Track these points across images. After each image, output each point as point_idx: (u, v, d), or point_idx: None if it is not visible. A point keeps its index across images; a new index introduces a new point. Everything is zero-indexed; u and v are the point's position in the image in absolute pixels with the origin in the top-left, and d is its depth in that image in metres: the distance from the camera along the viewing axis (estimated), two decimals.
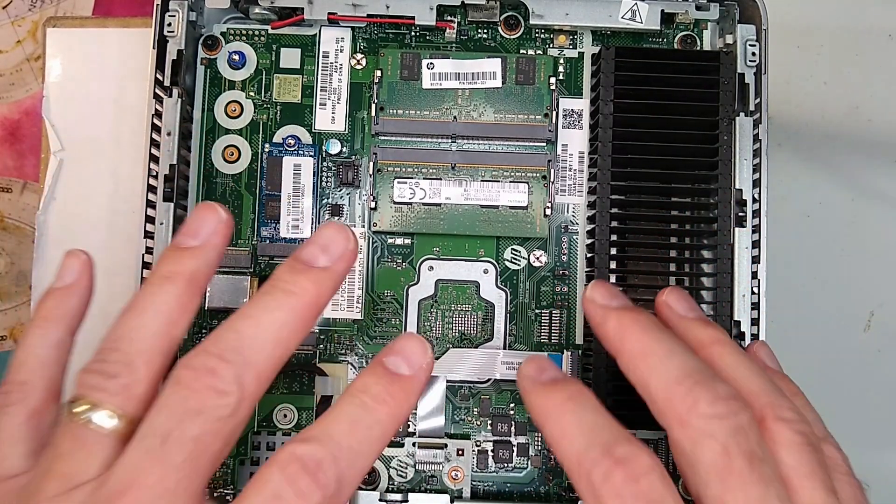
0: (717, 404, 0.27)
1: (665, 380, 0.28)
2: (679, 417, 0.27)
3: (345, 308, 0.42)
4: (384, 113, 0.42)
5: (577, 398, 0.29)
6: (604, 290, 0.32)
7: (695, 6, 0.43)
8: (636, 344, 0.29)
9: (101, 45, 0.49)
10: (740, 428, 0.26)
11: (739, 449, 0.26)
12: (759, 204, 0.41)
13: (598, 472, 0.26)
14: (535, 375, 0.31)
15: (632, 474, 0.26)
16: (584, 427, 0.28)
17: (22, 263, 0.51)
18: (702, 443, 0.26)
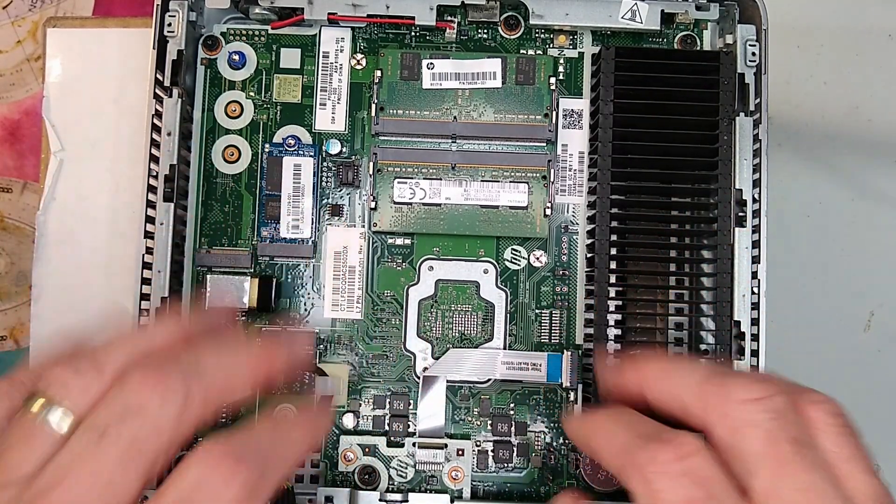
0: (751, 388, 0.26)
1: (694, 381, 0.28)
2: (717, 410, 0.27)
3: (345, 308, 0.42)
4: (384, 113, 0.42)
5: (616, 410, 0.30)
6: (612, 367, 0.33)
7: (695, 6, 0.43)
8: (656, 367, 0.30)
9: (101, 45, 0.49)
10: (779, 412, 0.26)
11: (785, 434, 0.26)
12: (759, 204, 0.41)
13: (645, 454, 0.26)
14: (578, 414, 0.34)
15: (679, 453, 0.26)
16: (627, 425, 0.28)
17: (22, 263, 0.51)
18: (743, 432, 0.26)
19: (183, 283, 0.42)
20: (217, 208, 0.43)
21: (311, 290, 0.43)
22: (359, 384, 0.42)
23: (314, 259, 0.43)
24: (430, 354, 0.42)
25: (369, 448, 0.41)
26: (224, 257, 0.42)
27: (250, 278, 0.42)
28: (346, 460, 0.41)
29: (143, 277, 0.40)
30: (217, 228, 0.43)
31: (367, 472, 0.41)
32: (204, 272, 0.42)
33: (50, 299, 0.48)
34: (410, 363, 0.42)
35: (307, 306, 0.43)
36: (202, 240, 0.43)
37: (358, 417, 0.42)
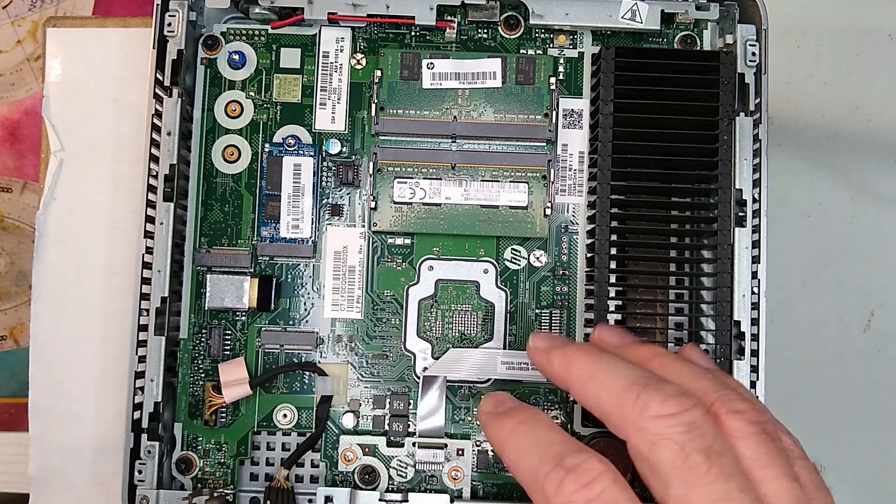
0: (666, 404, 0.27)
1: (614, 391, 0.28)
2: (633, 423, 0.27)
3: (345, 308, 0.42)
4: (384, 113, 0.42)
5: (529, 420, 0.30)
6: (544, 337, 0.34)
7: (695, 6, 0.43)
8: (582, 369, 0.30)
9: (101, 45, 0.49)
10: (693, 424, 0.27)
11: (695, 445, 0.26)
12: (759, 204, 0.41)
13: (551, 484, 0.27)
14: (493, 409, 0.32)
15: (583, 481, 0.26)
16: (538, 444, 0.29)
17: (22, 263, 0.51)
18: (658, 444, 0.26)
19: (183, 283, 0.42)
20: (217, 208, 0.43)
21: (311, 290, 0.43)
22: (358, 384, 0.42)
23: (314, 259, 0.43)
24: (430, 354, 0.42)
25: (369, 448, 0.41)
26: (224, 257, 0.42)
27: (250, 278, 0.42)
28: (346, 460, 0.41)
29: (143, 277, 0.40)
30: (217, 228, 0.43)
31: (367, 472, 0.41)
32: (204, 272, 0.42)
33: (50, 299, 0.48)
34: (410, 363, 0.42)
35: (307, 306, 0.43)
36: (202, 240, 0.43)
37: (358, 417, 0.42)
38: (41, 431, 0.47)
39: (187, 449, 0.42)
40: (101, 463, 0.47)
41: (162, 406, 0.40)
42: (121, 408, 0.40)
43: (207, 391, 0.42)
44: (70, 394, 0.47)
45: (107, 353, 0.47)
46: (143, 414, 0.40)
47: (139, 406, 0.40)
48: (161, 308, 0.40)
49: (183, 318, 0.42)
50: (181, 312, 0.42)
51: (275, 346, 0.42)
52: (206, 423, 0.42)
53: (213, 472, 0.41)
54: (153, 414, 0.40)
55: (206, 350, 0.42)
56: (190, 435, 0.42)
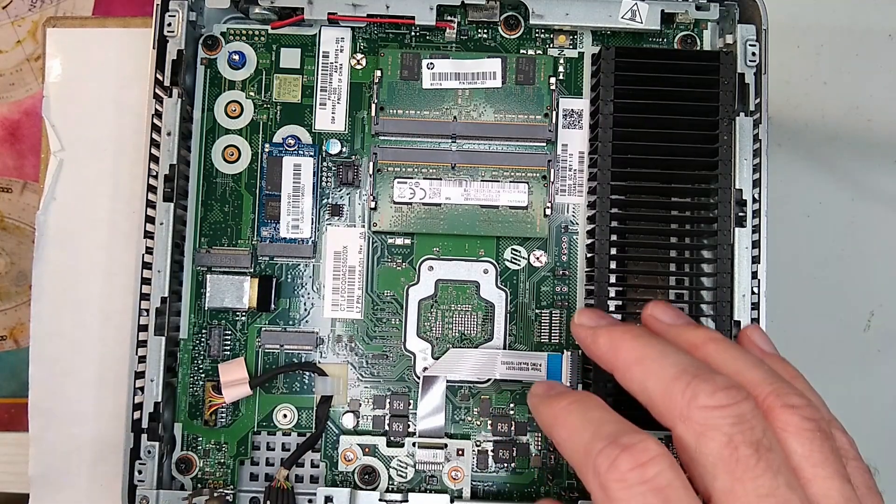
0: (716, 395, 0.26)
1: (662, 378, 0.28)
2: (680, 413, 0.27)
3: (345, 308, 0.42)
4: (384, 113, 0.42)
5: (582, 400, 0.29)
6: (591, 314, 0.33)
7: (695, 6, 0.43)
8: (630, 352, 0.30)
9: (101, 45, 0.49)
10: (743, 417, 0.26)
11: (744, 438, 0.25)
12: (759, 204, 0.41)
13: (604, 460, 0.26)
14: (545, 392, 0.32)
15: (638, 460, 0.25)
16: (590, 422, 0.28)
17: (22, 263, 0.51)
18: (705, 435, 0.26)
19: (183, 283, 0.42)
20: (217, 208, 0.43)
21: (311, 290, 0.43)
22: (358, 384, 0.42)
23: (314, 259, 0.43)
24: (430, 354, 0.42)
25: (369, 448, 0.41)
26: (224, 257, 0.42)
27: (250, 278, 0.42)
28: (346, 460, 0.41)
29: (143, 277, 0.40)
30: (217, 228, 0.43)
31: (367, 472, 0.41)
32: (204, 272, 0.42)
33: (50, 299, 0.48)
34: (410, 363, 0.42)
35: (307, 306, 0.43)
36: (202, 240, 0.43)
37: (358, 417, 0.42)
38: (41, 431, 0.47)
39: (187, 449, 0.42)
40: (101, 463, 0.47)
41: (162, 406, 0.40)
42: (121, 408, 0.40)
43: (207, 391, 0.42)
44: (70, 394, 0.47)
45: (107, 353, 0.47)
46: (143, 414, 0.40)
47: (139, 406, 0.40)
48: (161, 308, 0.40)
49: (183, 319, 0.42)
50: (181, 312, 0.42)
51: (275, 346, 0.42)
52: (206, 423, 0.42)
53: (213, 473, 0.41)
54: (153, 414, 0.40)
55: (206, 350, 0.42)
56: (190, 435, 0.42)
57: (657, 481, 0.25)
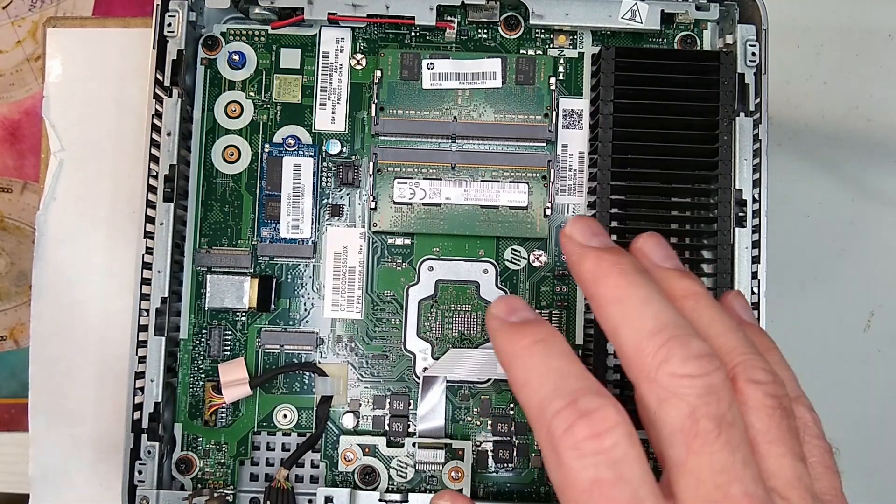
0: (689, 363, 0.25)
1: (638, 330, 0.26)
2: (647, 373, 0.25)
3: (345, 308, 0.42)
4: (384, 113, 0.42)
5: (546, 341, 0.27)
6: (584, 227, 0.29)
7: (695, 6, 0.43)
8: (612, 289, 0.27)
9: (101, 45, 0.49)
10: (711, 388, 0.25)
11: (708, 411, 0.24)
12: (759, 204, 0.41)
13: (560, 423, 0.25)
14: (505, 316, 0.29)
15: (595, 429, 0.24)
16: (551, 373, 0.26)
17: (22, 263, 0.51)
18: (668, 402, 0.25)
19: (183, 283, 0.42)
20: (217, 208, 0.43)
21: (311, 290, 0.43)
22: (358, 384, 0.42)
23: (314, 259, 0.43)
24: (430, 354, 0.42)
25: (369, 448, 0.41)
26: (224, 257, 0.42)
27: (250, 278, 0.42)
28: (346, 460, 0.41)
29: (143, 277, 0.40)
30: (217, 228, 0.43)
31: (367, 472, 0.41)
32: (204, 272, 0.42)
33: (50, 299, 0.48)
34: (410, 363, 0.42)
35: (307, 306, 0.43)
36: (202, 240, 0.43)
37: (358, 417, 0.42)
38: (41, 431, 0.47)
39: (187, 449, 0.42)
40: (101, 463, 0.47)
41: (162, 406, 0.40)
42: (121, 408, 0.40)
43: (207, 391, 0.42)
44: (70, 394, 0.47)
45: (107, 353, 0.47)
46: (143, 414, 0.40)
47: (139, 406, 0.40)
48: (161, 308, 0.40)
49: (183, 319, 0.42)
50: (181, 313, 0.42)
51: (275, 347, 0.42)
52: (206, 424, 0.42)
53: (213, 473, 0.41)
54: (153, 414, 0.40)
55: (206, 350, 0.42)
56: (190, 435, 0.42)
57: (612, 453, 0.24)
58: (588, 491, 0.24)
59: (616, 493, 0.24)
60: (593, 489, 0.24)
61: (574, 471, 0.24)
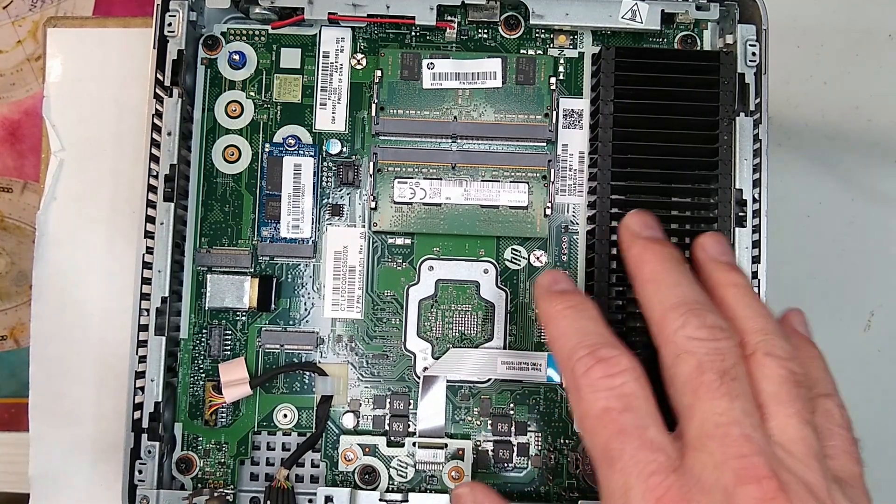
0: (701, 329, 0.29)
1: (664, 304, 0.30)
2: (667, 336, 0.30)
3: (345, 308, 0.42)
4: (384, 113, 0.42)
5: (577, 307, 0.33)
6: (639, 220, 0.35)
7: (695, 6, 0.43)
8: (650, 272, 0.32)
9: (101, 45, 0.49)
10: (719, 350, 0.29)
11: (713, 365, 0.28)
12: (759, 204, 0.41)
13: (581, 366, 0.30)
14: (548, 285, 0.34)
15: (608, 371, 0.29)
16: (578, 330, 0.31)
17: (22, 263, 0.51)
18: (680, 357, 0.29)
19: (183, 283, 0.42)
20: (217, 208, 0.43)
21: (311, 290, 0.43)
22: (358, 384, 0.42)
23: (314, 259, 0.43)
24: (430, 354, 0.42)
25: (369, 448, 0.41)
26: (224, 257, 0.42)
27: (250, 278, 0.42)
28: (346, 460, 0.41)
29: (143, 277, 0.40)
30: (217, 228, 0.43)
31: (367, 472, 0.41)
32: (204, 272, 0.42)
33: (50, 299, 0.48)
34: (410, 363, 0.42)
35: (307, 306, 0.43)
36: (202, 240, 0.43)
37: (358, 417, 0.42)
38: (41, 431, 0.47)
39: (187, 449, 0.42)
40: (101, 463, 0.47)
41: (162, 406, 0.40)
42: (121, 408, 0.40)
43: (208, 391, 0.42)
44: (70, 394, 0.47)
45: (107, 353, 0.47)
46: (144, 414, 0.40)
47: (139, 406, 0.40)
48: (161, 308, 0.40)
49: (183, 318, 0.42)
50: (181, 312, 0.42)
51: (275, 346, 0.42)
52: (207, 423, 0.42)
53: (214, 472, 0.41)
54: (153, 414, 0.40)
55: (207, 350, 0.42)
56: (190, 435, 0.42)
57: (622, 389, 0.29)
58: (599, 417, 0.29)
59: (623, 418, 0.28)
60: (604, 415, 0.28)
61: (589, 402, 0.29)
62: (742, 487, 0.26)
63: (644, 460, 0.27)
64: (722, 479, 0.26)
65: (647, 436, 0.28)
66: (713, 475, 0.26)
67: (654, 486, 0.27)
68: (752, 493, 0.26)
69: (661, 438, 0.28)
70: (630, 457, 0.27)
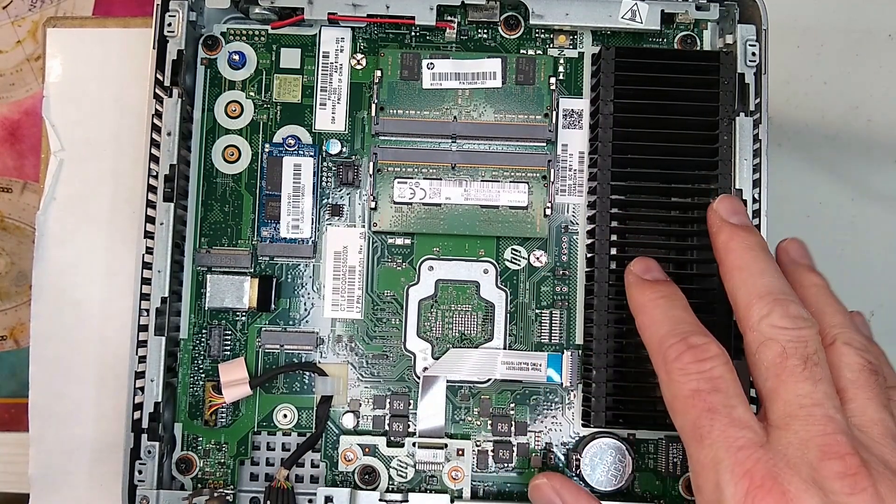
0: (786, 319, 0.31)
1: (751, 292, 0.32)
2: (752, 324, 0.31)
3: (345, 308, 0.42)
4: (384, 113, 0.42)
5: (669, 297, 0.35)
6: (728, 206, 0.37)
7: (695, 6, 0.43)
8: (738, 259, 0.34)
9: (101, 45, 0.49)
10: (801, 337, 0.30)
11: (796, 351, 0.30)
12: (759, 204, 0.41)
13: (672, 352, 0.32)
14: (640, 273, 0.37)
15: (699, 357, 0.31)
16: (670, 319, 0.33)
17: (22, 263, 0.51)
18: (765, 344, 0.31)
19: (183, 283, 0.42)
20: (217, 208, 0.43)
21: (311, 290, 0.43)
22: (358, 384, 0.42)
23: (314, 259, 0.43)
24: (430, 354, 0.42)
25: (369, 448, 0.41)
26: (224, 257, 0.42)
27: (250, 278, 0.42)
28: (346, 460, 0.41)
29: (143, 277, 0.40)
30: (217, 228, 0.43)
31: (367, 472, 0.41)
32: (204, 272, 0.42)
33: (50, 299, 0.48)
34: (410, 363, 0.42)
35: (307, 306, 0.43)
36: (202, 240, 0.43)
37: (358, 417, 0.42)
38: (41, 431, 0.47)
39: (187, 449, 0.42)
40: (101, 463, 0.47)
41: (162, 406, 0.40)
42: (121, 408, 0.40)
43: (207, 391, 0.42)
44: (70, 394, 0.47)
45: (107, 353, 0.47)
46: (144, 414, 0.40)
47: (139, 406, 0.40)
48: (161, 308, 0.40)
49: (183, 318, 0.42)
50: (181, 312, 0.42)
51: (275, 346, 0.42)
52: (206, 423, 0.42)
53: (213, 472, 0.41)
54: (153, 414, 0.40)
55: (206, 350, 0.42)
56: (190, 435, 0.42)
57: (711, 373, 0.31)
58: (690, 397, 0.31)
59: (712, 398, 0.30)
60: (694, 395, 0.31)
61: (679, 384, 0.31)
62: (826, 462, 0.28)
63: (733, 436, 0.29)
64: (807, 455, 0.28)
65: (734, 414, 0.30)
66: (798, 451, 0.28)
67: (743, 459, 0.28)
68: (836, 468, 0.27)
69: (747, 417, 0.30)
70: (720, 432, 0.29)
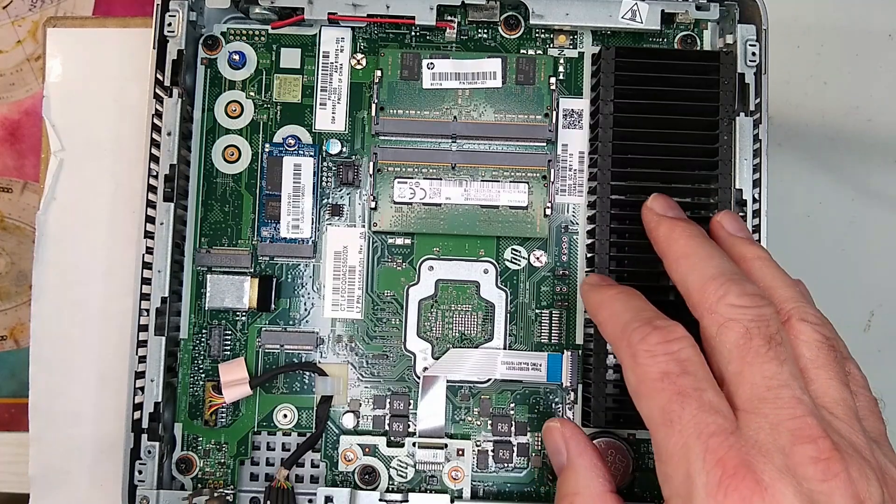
0: (743, 297, 0.30)
1: (702, 276, 0.32)
2: (709, 307, 0.30)
3: (345, 308, 0.42)
4: (384, 113, 0.42)
5: (627, 292, 0.34)
6: (662, 202, 0.37)
7: (695, 6, 0.43)
8: (682, 248, 0.34)
9: (101, 45, 0.49)
10: (762, 316, 0.30)
11: (759, 332, 0.29)
12: (759, 204, 0.41)
13: (638, 334, 0.31)
14: (597, 283, 0.37)
15: (665, 338, 0.30)
16: (631, 308, 0.33)
17: (22, 263, 0.51)
18: (726, 326, 0.30)
19: (183, 283, 0.42)
20: (217, 208, 0.43)
21: (311, 290, 0.43)
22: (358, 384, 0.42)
23: (314, 259, 0.43)
24: (430, 354, 0.42)
25: (369, 448, 0.41)
26: (224, 257, 0.42)
27: (250, 278, 0.42)
28: (346, 460, 0.41)
29: (143, 277, 0.40)
30: (217, 228, 0.43)
31: (367, 472, 0.41)
32: (204, 272, 0.42)
33: (50, 299, 0.48)
34: (410, 363, 0.42)
35: (307, 306, 0.43)
36: (202, 240, 0.43)
37: (358, 417, 0.42)
38: (41, 431, 0.47)
39: (187, 449, 0.42)
40: (101, 463, 0.47)
41: (162, 406, 0.40)
42: (121, 408, 0.40)
43: (207, 391, 0.42)
44: (70, 394, 0.47)
45: (107, 353, 0.47)
46: (143, 414, 0.40)
47: (139, 406, 0.40)
48: (161, 308, 0.40)
49: (183, 319, 0.42)
50: (181, 312, 0.42)
51: (275, 346, 0.42)
52: (206, 424, 0.42)
53: (214, 472, 0.41)
54: (153, 414, 0.40)
55: (206, 350, 0.42)
56: (190, 435, 0.42)
57: (679, 354, 0.30)
58: (658, 380, 0.29)
59: (681, 381, 0.29)
60: (663, 378, 0.29)
61: (647, 367, 0.30)
62: (799, 447, 0.27)
63: (704, 422, 0.28)
64: (779, 440, 0.27)
65: (705, 398, 0.29)
66: (770, 436, 0.27)
67: (714, 447, 0.27)
68: (809, 453, 0.27)
69: (718, 401, 0.29)
70: (690, 417, 0.28)
